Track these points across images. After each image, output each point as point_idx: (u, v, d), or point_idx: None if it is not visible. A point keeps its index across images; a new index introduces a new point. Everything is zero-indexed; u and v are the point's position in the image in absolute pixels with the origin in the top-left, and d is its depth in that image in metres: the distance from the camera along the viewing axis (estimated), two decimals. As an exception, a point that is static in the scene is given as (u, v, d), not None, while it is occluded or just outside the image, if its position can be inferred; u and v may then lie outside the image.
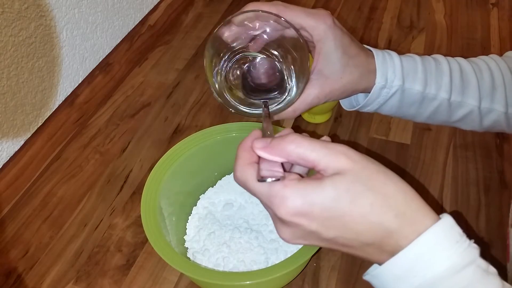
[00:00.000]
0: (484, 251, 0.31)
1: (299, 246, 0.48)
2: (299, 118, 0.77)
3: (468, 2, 1.01)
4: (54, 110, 0.73)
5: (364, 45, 0.47)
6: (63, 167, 0.72)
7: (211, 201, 0.60)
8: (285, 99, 0.44)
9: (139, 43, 0.91)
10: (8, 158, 0.67)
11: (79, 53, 0.76)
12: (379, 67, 0.46)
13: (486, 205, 0.63)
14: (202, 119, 0.79)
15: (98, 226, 0.64)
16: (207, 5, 1.06)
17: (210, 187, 0.62)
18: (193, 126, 0.78)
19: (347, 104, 0.52)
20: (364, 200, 0.31)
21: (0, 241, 0.63)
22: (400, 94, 0.48)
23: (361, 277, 0.36)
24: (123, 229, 0.63)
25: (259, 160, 0.35)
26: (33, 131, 0.70)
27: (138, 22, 0.91)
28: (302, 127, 0.76)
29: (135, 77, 0.88)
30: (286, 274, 0.45)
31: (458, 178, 0.67)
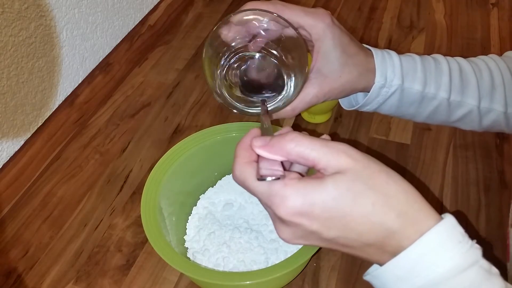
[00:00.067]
0: (486, 252, 0.31)
1: (299, 246, 0.48)
2: (299, 118, 0.77)
3: (468, 2, 1.01)
4: (54, 110, 0.73)
5: (364, 45, 0.47)
6: (63, 167, 0.72)
7: (211, 201, 0.60)
8: (284, 97, 0.43)
9: (139, 43, 0.91)
10: (8, 158, 0.67)
11: (79, 53, 0.76)
12: (379, 66, 0.46)
13: (486, 205, 0.63)
14: (202, 119, 0.79)
15: (98, 226, 0.64)
16: (207, 5, 1.06)
17: (210, 187, 0.62)
18: (193, 126, 0.78)
19: (346, 103, 0.52)
20: (365, 199, 0.31)
21: (0, 241, 0.63)
22: (399, 93, 0.47)
23: (361, 277, 0.36)
24: (123, 229, 0.63)
25: (258, 158, 0.35)
26: (33, 131, 0.70)
27: (138, 22, 0.91)
28: (302, 127, 0.76)
29: (135, 77, 0.88)
30: (286, 274, 0.45)
31: (458, 178, 0.67)
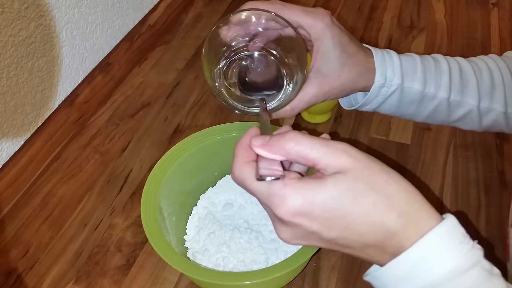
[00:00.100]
0: (487, 252, 0.31)
1: (299, 246, 0.48)
2: (299, 118, 0.77)
3: (468, 1, 1.01)
4: (54, 110, 0.73)
5: (363, 44, 0.47)
6: (63, 167, 0.72)
7: (211, 201, 0.60)
8: (283, 97, 0.43)
9: (139, 43, 0.90)
10: (8, 158, 0.67)
11: (78, 53, 0.76)
12: (378, 66, 0.46)
13: (486, 205, 0.63)
14: (202, 119, 0.79)
15: (98, 226, 0.64)
16: (207, 4, 1.06)
17: (210, 187, 0.62)
18: (193, 126, 0.78)
19: (346, 103, 0.52)
20: (366, 199, 0.31)
21: (0, 241, 0.63)
22: (399, 93, 0.47)
23: (361, 277, 0.36)
24: (123, 229, 0.63)
25: (257, 158, 0.34)
26: (33, 131, 0.70)
27: (138, 22, 0.91)
28: (302, 126, 0.76)
29: (135, 77, 0.88)
30: (286, 274, 0.45)
31: (458, 178, 0.67)
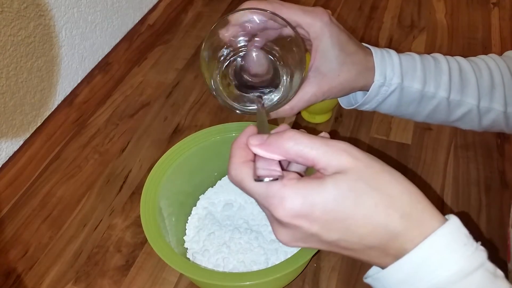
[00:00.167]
0: (490, 252, 0.30)
1: (299, 247, 0.48)
2: (299, 117, 0.77)
3: (469, 1, 1.01)
4: (53, 110, 0.73)
5: (363, 44, 0.47)
6: (62, 167, 0.72)
7: (211, 201, 0.60)
8: (281, 95, 0.43)
9: (139, 43, 0.90)
10: (7, 158, 0.67)
11: (78, 53, 0.76)
12: (378, 65, 0.46)
13: (487, 205, 0.63)
14: (201, 119, 0.78)
15: (97, 226, 0.64)
16: (207, 4, 1.05)
17: (210, 187, 0.62)
18: (193, 126, 0.77)
19: (345, 102, 0.52)
20: (368, 200, 0.30)
21: (0, 241, 0.63)
22: (399, 92, 0.47)
23: (361, 278, 0.35)
24: (122, 230, 0.63)
25: (254, 158, 0.33)
26: (32, 131, 0.70)
27: (137, 21, 0.90)
28: (302, 126, 0.75)
29: (134, 77, 0.87)
30: (286, 274, 0.45)
31: (459, 178, 0.66)
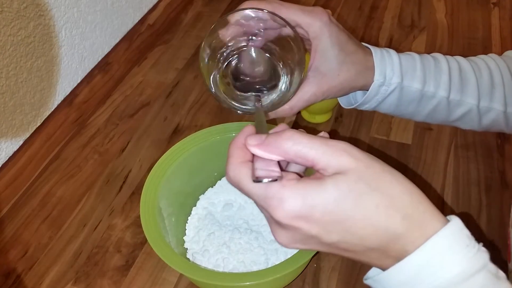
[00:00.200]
0: (491, 254, 0.30)
1: (299, 247, 0.48)
2: (299, 117, 0.76)
3: (469, 1, 1.01)
4: (53, 110, 0.73)
5: (362, 43, 0.47)
6: (62, 167, 0.72)
7: (211, 201, 0.60)
8: (280, 95, 0.43)
9: (138, 42, 0.90)
10: (7, 158, 0.67)
11: (78, 53, 0.76)
12: (378, 64, 0.46)
13: (487, 205, 0.63)
14: (201, 119, 0.78)
15: (97, 226, 0.64)
16: (207, 4, 1.05)
17: (210, 187, 0.61)
18: (193, 126, 0.77)
19: (345, 101, 0.52)
20: (368, 201, 0.29)
21: (0, 241, 0.63)
22: (398, 91, 0.47)
23: (361, 278, 0.35)
24: (122, 230, 0.63)
25: (253, 158, 0.33)
26: (32, 131, 0.70)
27: (137, 21, 0.90)
28: (302, 126, 0.75)
29: (134, 77, 0.87)
30: (286, 275, 0.45)
31: (459, 178, 0.66)
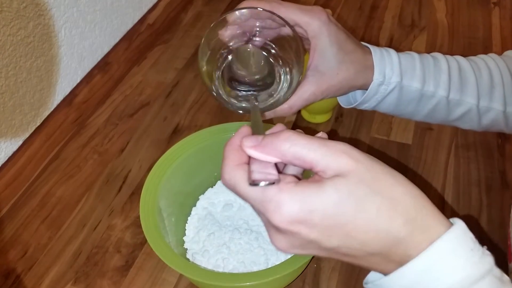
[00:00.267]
0: (493, 255, 0.29)
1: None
2: (299, 117, 0.76)
3: (469, 1, 1.01)
4: (52, 109, 0.73)
5: (362, 42, 0.47)
6: (62, 167, 0.72)
7: (211, 201, 0.60)
8: (278, 95, 0.43)
9: (138, 42, 0.90)
10: (7, 158, 0.67)
11: (77, 52, 0.76)
12: (377, 64, 0.45)
13: (488, 205, 0.63)
14: (201, 118, 0.78)
15: (97, 226, 0.64)
16: (207, 3, 1.05)
17: (210, 188, 0.61)
18: (193, 126, 0.77)
19: (344, 101, 0.52)
20: (369, 204, 0.28)
21: (-2, 242, 0.63)
22: (398, 91, 0.47)
23: (362, 278, 0.35)
24: (122, 230, 0.63)
25: (249, 160, 0.32)
26: (32, 131, 0.70)
27: (137, 21, 0.90)
28: (302, 126, 0.75)
29: (134, 77, 0.87)
30: (287, 275, 0.45)
31: (460, 178, 0.66)
